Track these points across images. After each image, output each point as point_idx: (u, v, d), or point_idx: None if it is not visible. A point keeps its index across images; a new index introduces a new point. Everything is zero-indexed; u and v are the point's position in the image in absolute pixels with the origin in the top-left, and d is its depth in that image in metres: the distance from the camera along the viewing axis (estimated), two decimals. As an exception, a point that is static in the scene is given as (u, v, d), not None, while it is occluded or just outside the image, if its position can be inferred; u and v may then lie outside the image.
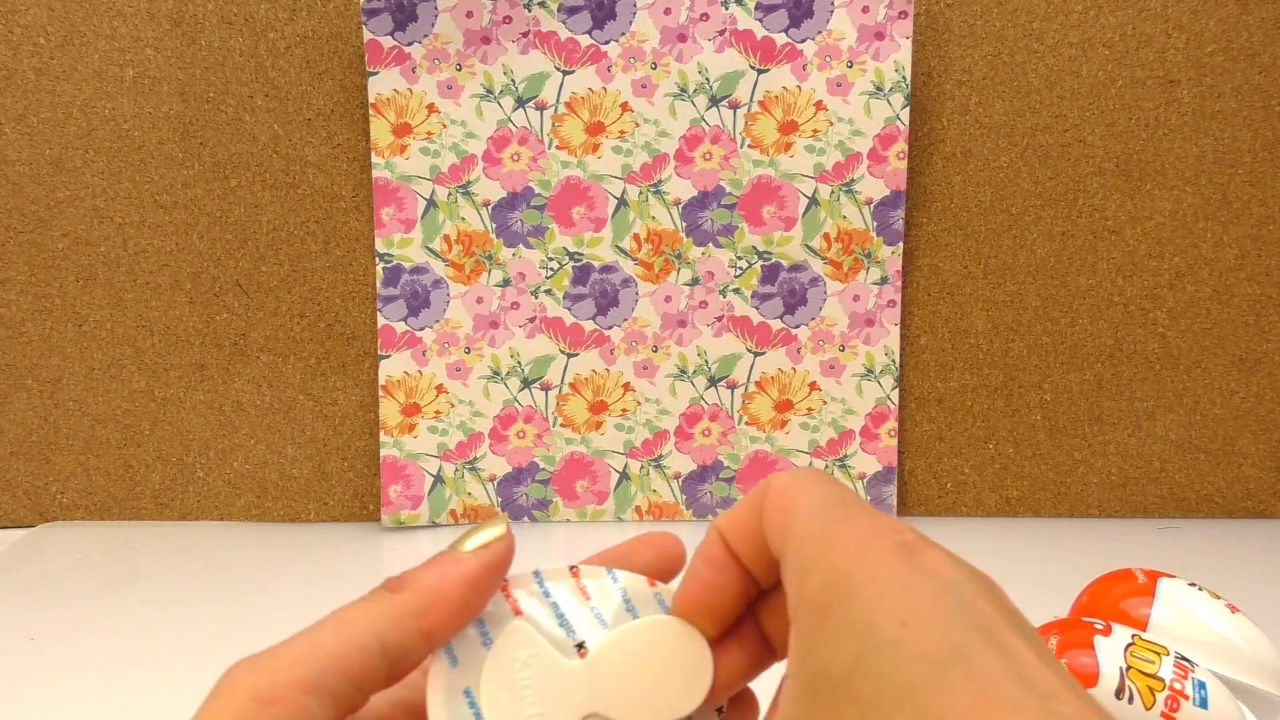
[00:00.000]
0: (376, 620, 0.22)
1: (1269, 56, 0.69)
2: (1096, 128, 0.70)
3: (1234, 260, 0.71)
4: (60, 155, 0.68)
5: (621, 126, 0.68)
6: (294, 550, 0.67)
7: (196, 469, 0.72)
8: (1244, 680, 0.42)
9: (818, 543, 0.21)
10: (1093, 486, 0.74)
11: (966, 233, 0.71)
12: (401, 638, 0.22)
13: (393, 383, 0.70)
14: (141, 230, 0.69)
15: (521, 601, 0.24)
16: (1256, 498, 0.74)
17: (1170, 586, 0.46)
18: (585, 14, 0.66)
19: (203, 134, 0.68)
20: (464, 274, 0.69)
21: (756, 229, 0.69)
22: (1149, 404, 0.73)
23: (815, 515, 0.21)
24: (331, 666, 0.21)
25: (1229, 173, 0.70)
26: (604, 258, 0.69)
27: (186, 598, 0.60)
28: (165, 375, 0.71)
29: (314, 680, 0.21)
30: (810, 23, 0.67)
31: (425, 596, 0.23)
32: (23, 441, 0.71)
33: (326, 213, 0.69)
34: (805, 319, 0.71)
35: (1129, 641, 0.40)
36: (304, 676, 0.21)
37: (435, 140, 0.67)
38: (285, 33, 0.67)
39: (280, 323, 0.70)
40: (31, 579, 0.63)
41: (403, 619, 0.22)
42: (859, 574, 0.19)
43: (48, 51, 0.67)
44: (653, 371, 0.71)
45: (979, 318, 0.72)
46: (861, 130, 0.68)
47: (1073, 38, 0.69)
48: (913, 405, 0.73)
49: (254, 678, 0.21)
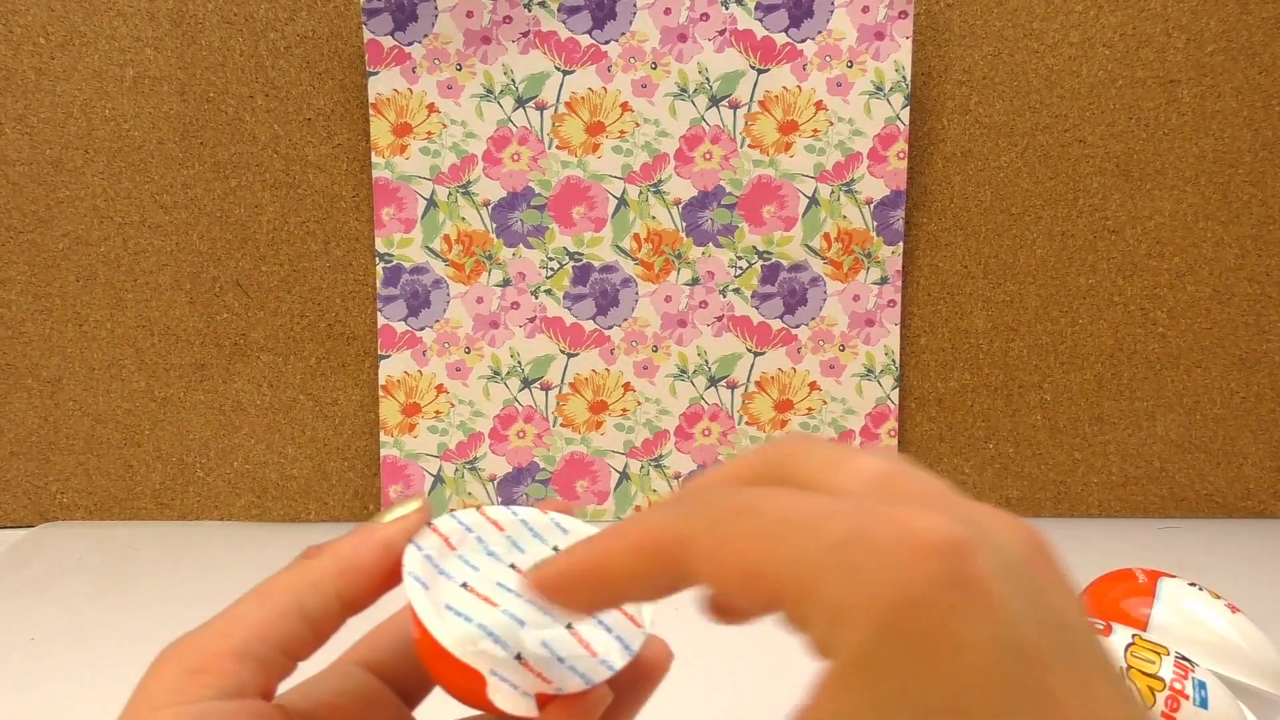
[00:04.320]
0: (296, 589, 0.24)
1: (1269, 56, 0.69)
2: (1096, 128, 0.70)
3: (1234, 260, 0.71)
4: (60, 155, 0.68)
5: (621, 126, 0.68)
6: (294, 550, 0.67)
7: (197, 469, 0.72)
8: (1244, 680, 0.42)
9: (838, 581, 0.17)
10: (1093, 486, 0.74)
11: (966, 233, 0.71)
12: (320, 602, 0.24)
13: (393, 383, 0.70)
14: (141, 230, 0.69)
15: (452, 538, 0.26)
16: (1256, 498, 0.74)
17: (1170, 586, 0.46)
18: (585, 14, 0.66)
19: (203, 134, 0.68)
20: (464, 274, 0.69)
21: (756, 229, 0.69)
22: (1149, 404, 0.73)
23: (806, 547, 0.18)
24: (255, 634, 0.23)
25: (1229, 173, 0.70)
26: (604, 258, 0.69)
27: (186, 598, 0.60)
28: (165, 375, 0.71)
29: (240, 649, 0.22)
30: (810, 23, 0.67)
31: (340, 562, 0.24)
32: (23, 441, 0.71)
33: (326, 213, 0.69)
34: (805, 319, 0.71)
35: (1129, 641, 0.40)
36: (230, 646, 0.22)
37: (435, 140, 0.67)
38: (285, 33, 0.67)
39: (280, 323, 0.70)
40: (31, 579, 0.63)
41: (320, 584, 0.24)
42: (906, 628, 0.16)
43: (48, 51, 0.67)
44: (653, 371, 0.71)
45: (979, 318, 0.72)
46: (861, 130, 0.68)
47: (1073, 38, 0.69)
48: (913, 405, 0.73)
49: (182, 650, 0.23)
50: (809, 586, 0.17)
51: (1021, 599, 0.17)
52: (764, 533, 0.18)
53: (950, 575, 0.17)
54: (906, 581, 0.17)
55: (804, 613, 0.18)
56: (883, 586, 0.17)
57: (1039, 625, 0.17)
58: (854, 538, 0.17)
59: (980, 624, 0.16)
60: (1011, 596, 0.17)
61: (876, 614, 0.17)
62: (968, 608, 0.16)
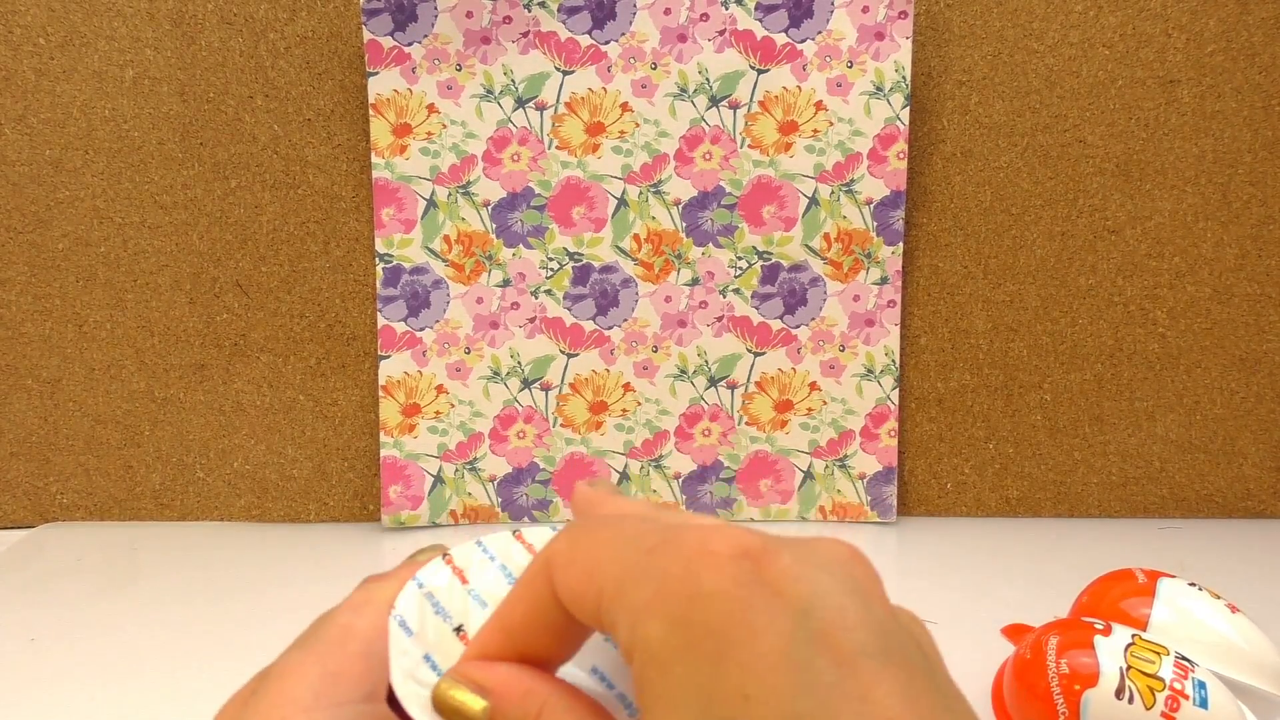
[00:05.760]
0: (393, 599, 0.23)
1: (1269, 56, 0.69)
2: (1096, 128, 0.70)
3: (1234, 260, 0.71)
4: (60, 155, 0.68)
5: (621, 126, 0.68)
6: (294, 550, 0.67)
7: (197, 469, 0.72)
8: (1244, 680, 0.42)
9: (643, 582, 0.18)
10: (1093, 486, 0.74)
11: (966, 233, 0.71)
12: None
13: (393, 383, 0.70)
14: (141, 230, 0.69)
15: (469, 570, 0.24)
16: (1256, 498, 0.74)
17: (1170, 586, 0.46)
18: (585, 14, 0.66)
19: (203, 134, 0.68)
20: (464, 274, 0.69)
21: (756, 229, 0.69)
22: (1149, 404, 0.73)
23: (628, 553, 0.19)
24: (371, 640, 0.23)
25: (1229, 173, 0.70)
26: (604, 258, 0.69)
27: (186, 598, 0.60)
28: (165, 375, 0.71)
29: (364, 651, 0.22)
30: (810, 23, 0.67)
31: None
32: (23, 442, 0.71)
33: (326, 213, 0.69)
34: (805, 319, 0.71)
35: (1129, 641, 0.40)
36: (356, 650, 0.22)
37: (435, 140, 0.67)
38: (285, 33, 0.67)
39: (280, 323, 0.70)
40: (31, 579, 0.63)
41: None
42: (697, 618, 0.17)
43: (48, 52, 0.67)
44: (653, 372, 0.71)
45: (979, 318, 0.72)
46: (861, 130, 0.68)
47: (1073, 38, 0.69)
48: (913, 405, 0.73)
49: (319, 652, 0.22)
50: (619, 589, 0.18)
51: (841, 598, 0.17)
52: (603, 543, 0.19)
53: (745, 573, 0.17)
54: (700, 577, 0.17)
55: (614, 616, 0.18)
56: (678, 583, 0.17)
57: (862, 623, 0.17)
58: (662, 544, 0.18)
59: (773, 615, 0.17)
60: (814, 595, 0.17)
61: (670, 607, 0.17)
62: (760, 600, 0.17)
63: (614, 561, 0.19)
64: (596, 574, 0.19)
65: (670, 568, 0.18)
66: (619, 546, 0.19)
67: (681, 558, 0.18)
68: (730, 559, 0.17)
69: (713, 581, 0.17)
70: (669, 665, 0.17)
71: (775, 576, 0.17)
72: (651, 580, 0.18)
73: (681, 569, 0.17)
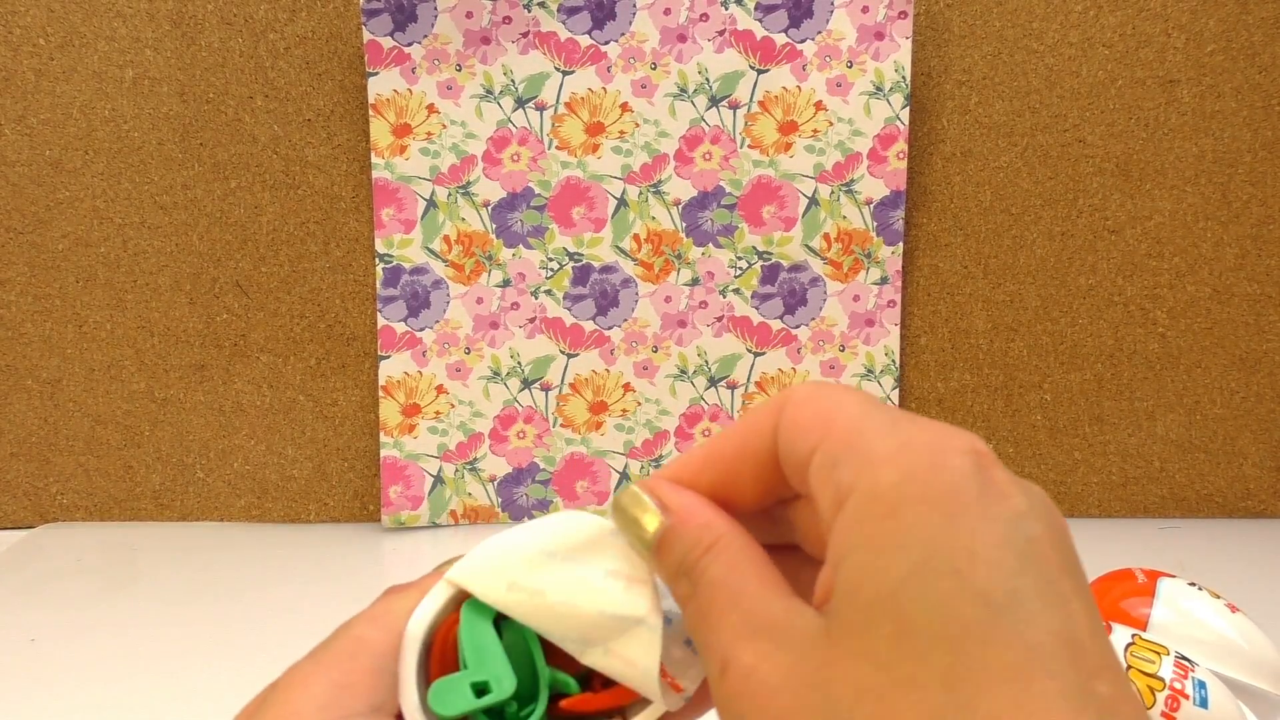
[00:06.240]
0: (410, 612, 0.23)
1: (1269, 56, 0.69)
2: (1096, 128, 0.70)
3: (1234, 260, 0.71)
4: (60, 156, 0.68)
5: (621, 127, 0.68)
6: (294, 551, 0.67)
7: (196, 470, 0.72)
8: (1244, 680, 0.42)
9: (886, 437, 0.19)
10: (1093, 486, 0.74)
11: (966, 233, 0.71)
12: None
13: (393, 383, 0.70)
14: (141, 231, 0.69)
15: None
16: (1256, 498, 0.74)
17: (1170, 586, 0.46)
18: (585, 14, 0.66)
19: (203, 134, 0.68)
20: (464, 274, 0.69)
21: (756, 229, 0.69)
22: (1149, 404, 0.73)
23: (873, 414, 0.20)
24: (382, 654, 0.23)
25: (1229, 173, 0.70)
26: (604, 258, 0.69)
27: (186, 598, 0.60)
28: (165, 376, 0.71)
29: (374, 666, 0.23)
30: (810, 23, 0.67)
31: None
32: (23, 442, 0.71)
33: (326, 213, 0.69)
34: (805, 319, 0.71)
35: (1129, 641, 0.40)
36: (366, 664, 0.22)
37: (435, 140, 0.67)
38: (285, 33, 0.67)
39: (280, 323, 0.70)
40: (31, 580, 0.63)
41: None
42: (936, 483, 0.18)
43: (48, 52, 0.67)
44: (653, 372, 0.71)
45: (979, 318, 0.72)
46: (861, 130, 0.68)
47: (1073, 38, 0.69)
48: (913, 405, 0.73)
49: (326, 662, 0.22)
50: (858, 434, 0.19)
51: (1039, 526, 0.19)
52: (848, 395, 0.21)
53: (977, 465, 0.19)
54: (945, 449, 0.19)
55: (835, 458, 0.20)
56: (924, 447, 0.19)
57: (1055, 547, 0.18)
58: (907, 418, 0.20)
59: (999, 507, 0.18)
60: (1024, 511, 0.18)
61: (912, 461, 0.19)
62: (990, 491, 0.18)
63: (858, 413, 0.20)
64: (832, 416, 0.20)
65: (918, 436, 0.19)
66: (865, 404, 0.20)
67: (929, 430, 0.19)
68: (969, 450, 0.19)
69: (957, 457, 0.19)
70: (898, 509, 0.18)
71: (1000, 484, 0.19)
72: (896, 438, 0.19)
73: (929, 438, 0.19)
